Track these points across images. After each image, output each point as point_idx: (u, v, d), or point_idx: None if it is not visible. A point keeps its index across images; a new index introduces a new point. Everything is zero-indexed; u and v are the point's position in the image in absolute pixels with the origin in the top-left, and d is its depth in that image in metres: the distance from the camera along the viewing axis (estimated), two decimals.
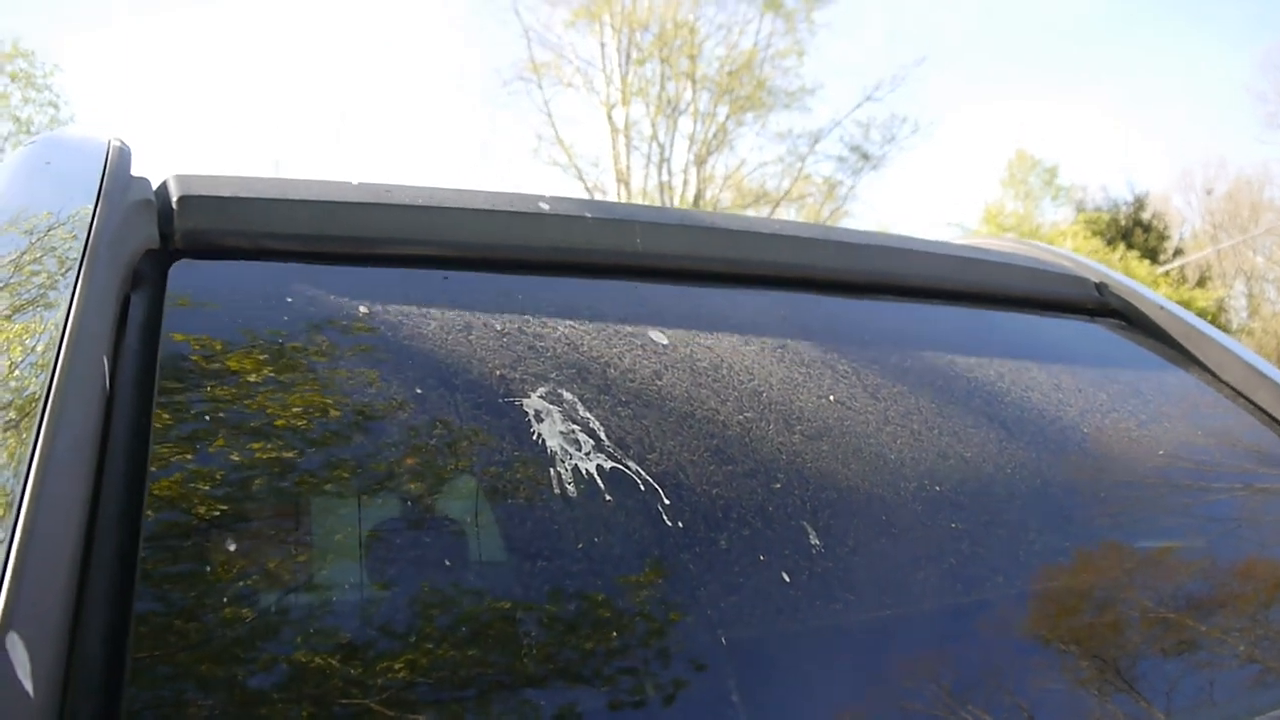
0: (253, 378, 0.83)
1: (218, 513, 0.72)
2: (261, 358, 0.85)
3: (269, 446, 0.78)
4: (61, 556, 0.62)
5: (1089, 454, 1.23)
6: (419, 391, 0.87)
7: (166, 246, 0.95)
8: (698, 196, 22.20)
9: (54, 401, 0.68)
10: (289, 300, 0.92)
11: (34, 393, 0.69)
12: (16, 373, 0.71)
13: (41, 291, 0.79)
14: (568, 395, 0.92)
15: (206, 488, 0.73)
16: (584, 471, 0.85)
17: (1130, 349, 1.54)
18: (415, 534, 0.79)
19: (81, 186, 0.93)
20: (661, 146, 22.14)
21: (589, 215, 1.13)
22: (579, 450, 0.86)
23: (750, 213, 22.80)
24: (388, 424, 0.84)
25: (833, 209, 23.35)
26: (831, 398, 1.07)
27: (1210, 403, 1.43)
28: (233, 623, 0.66)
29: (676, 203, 21.81)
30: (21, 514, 0.60)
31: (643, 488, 0.86)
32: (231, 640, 0.66)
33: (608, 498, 0.84)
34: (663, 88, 21.95)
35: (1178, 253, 26.62)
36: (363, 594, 0.74)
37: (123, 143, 1.06)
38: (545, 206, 1.11)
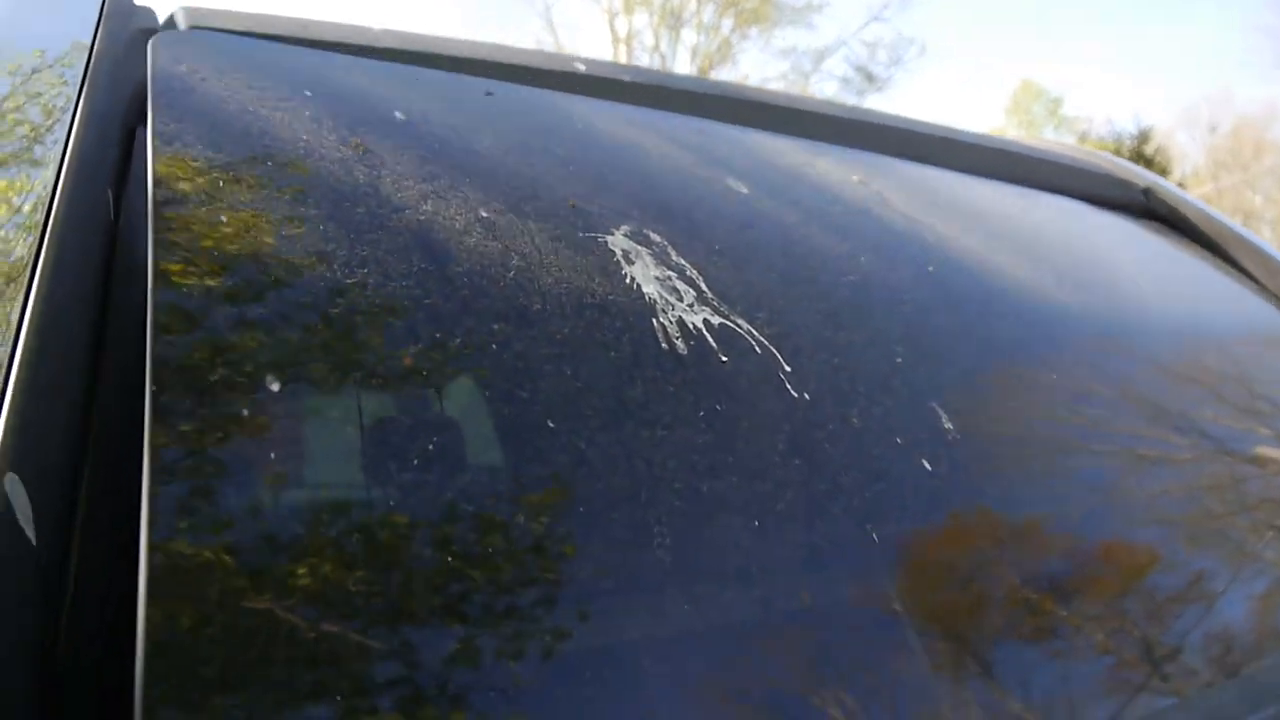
0: (268, 200, 0.72)
1: (231, 344, 0.61)
2: (280, 180, 0.74)
3: (293, 282, 0.67)
4: (64, 393, 0.59)
5: (1140, 352, 1.24)
6: (484, 215, 0.80)
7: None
8: None
9: (53, 232, 0.64)
10: (309, 115, 0.82)
11: (35, 226, 0.65)
12: (19, 212, 0.70)
13: (40, 129, 0.78)
14: (656, 238, 0.87)
15: (219, 316, 0.62)
16: (691, 326, 0.79)
17: (1176, 252, 1.55)
18: (494, 398, 0.68)
19: (82, 12, 0.89)
20: (664, 57, 21.74)
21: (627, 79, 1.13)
22: (681, 301, 0.81)
23: None
24: (455, 251, 0.75)
25: None
26: (930, 268, 1.07)
27: (1256, 306, 1.45)
28: (252, 465, 0.56)
29: None
30: (19, 349, 0.56)
31: (759, 350, 0.81)
32: (250, 482, 0.56)
33: (724, 358, 0.78)
34: None
35: (1180, 186, 26.45)
36: (435, 446, 0.63)
37: None
38: (581, 67, 1.11)
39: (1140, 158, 24.72)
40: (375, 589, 0.54)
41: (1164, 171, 25.71)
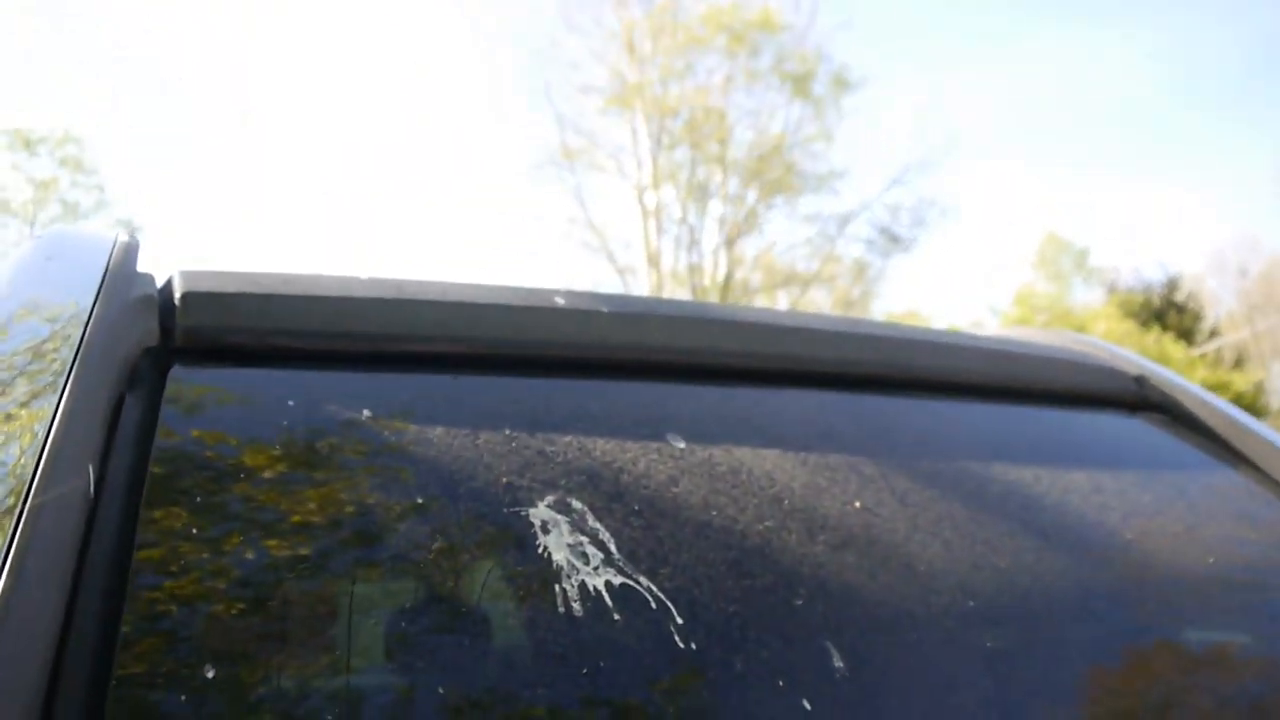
0: (244, 488, 0.79)
1: (194, 638, 0.67)
2: (256, 465, 0.81)
3: (259, 561, 0.74)
4: (27, 672, 0.59)
5: (1133, 560, 1.16)
6: (420, 502, 0.83)
7: (167, 344, 0.92)
8: (728, 277, 22.33)
9: (31, 507, 0.65)
10: (289, 404, 0.88)
11: (11, 496, 0.66)
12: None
13: (31, 391, 0.76)
14: (576, 504, 0.87)
15: (186, 613, 0.68)
16: (591, 588, 0.80)
17: (1173, 445, 1.47)
18: (408, 655, 0.74)
19: (81, 282, 0.90)
20: (692, 229, 22.37)
21: (605, 310, 1.10)
22: (587, 565, 0.81)
23: (780, 294, 22.88)
24: (387, 539, 0.79)
25: (862, 290, 23.41)
26: (858, 504, 1.01)
27: (1260, 501, 1.36)
28: None
29: (706, 283, 21.93)
30: None
31: (654, 605, 0.81)
32: None
33: (616, 617, 0.79)
34: (693, 172, 22.27)
35: (1213, 334, 26.34)
36: (353, 712, 0.69)
37: (131, 237, 1.04)
38: (561, 301, 1.08)
39: (1171, 305, 24.75)
40: None
41: (1197, 318, 25.69)
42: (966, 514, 1.07)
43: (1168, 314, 24.73)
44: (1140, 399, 1.53)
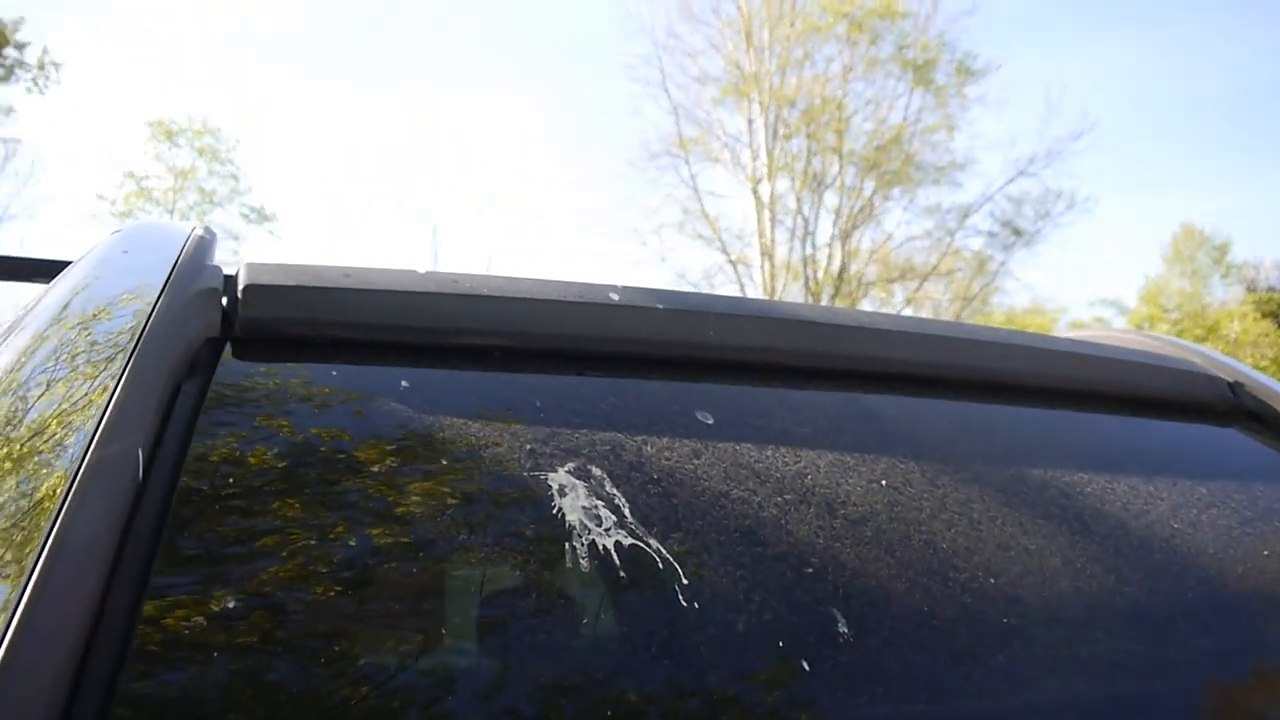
0: (289, 477, 0.84)
1: (215, 621, 0.71)
2: (303, 455, 0.86)
3: (298, 548, 0.78)
4: (61, 650, 0.61)
5: (1222, 576, 1.13)
6: (467, 495, 0.87)
7: (228, 334, 0.97)
8: (842, 270, 22.00)
9: (79, 485, 0.69)
10: (342, 395, 0.94)
11: (61, 474, 0.70)
12: (50, 457, 0.74)
13: (90, 374, 0.82)
14: (596, 472, 0.91)
15: (211, 597, 0.72)
16: (601, 547, 0.84)
17: (1271, 456, 1.41)
18: (464, 646, 0.78)
19: (151, 273, 0.97)
20: (807, 221, 22.11)
21: (660, 306, 1.12)
22: (599, 526, 0.85)
23: (897, 288, 22.43)
24: (434, 531, 0.83)
25: (983, 284, 22.75)
26: (932, 510, 1.01)
27: None
28: None
29: (820, 276, 21.66)
30: (20, 607, 0.60)
31: (660, 566, 0.84)
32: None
33: (622, 574, 0.82)
34: (809, 162, 22.01)
35: None
36: (371, 683, 0.72)
37: (207, 231, 1.11)
38: (615, 297, 1.11)
39: None
40: None
41: None
42: (1035, 521, 1.06)
43: None
44: (1235, 407, 1.47)
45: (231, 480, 0.81)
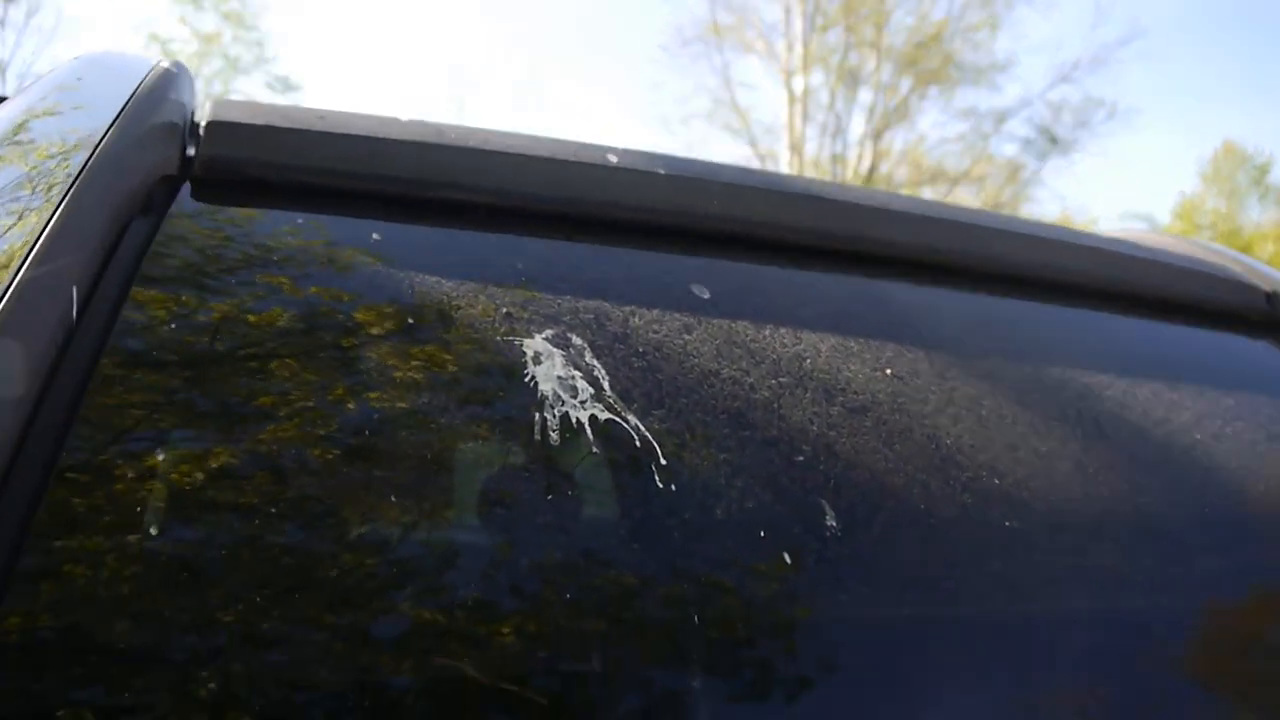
0: (237, 334, 0.77)
1: (134, 487, 0.66)
2: (253, 307, 0.79)
3: (240, 413, 0.72)
4: None
5: (1241, 494, 1.07)
6: (425, 356, 0.81)
7: (186, 173, 0.89)
8: (872, 170, 21.58)
9: (3, 319, 0.63)
10: (302, 244, 0.87)
11: None
12: None
13: (27, 206, 0.75)
14: (577, 341, 0.84)
15: (135, 457, 0.67)
16: (574, 420, 0.77)
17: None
18: (418, 514, 0.72)
19: (104, 104, 0.88)
20: (839, 117, 21.58)
21: (662, 172, 1.04)
22: (574, 398, 0.78)
23: (926, 190, 22.00)
24: (386, 391, 0.76)
25: (1013, 192, 22.30)
26: (888, 371, 0.95)
27: None
28: (129, 570, 0.62)
29: (849, 175, 21.26)
30: None
31: (638, 444, 0.78)
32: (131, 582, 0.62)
33: (595, 450, 0.76)
34: (845, 56, 21.37)
35: None
36: (311, 544, 0.68)
37: (174, 65, 1.01)
38: (613, 159, 1.02)
39: None
40: None
41: None
42: (1047, 422, 0.99)
43: None
44: (1269, 318, 1.39)
45: (174, 330, 0.74)
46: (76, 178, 0.76)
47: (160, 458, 0.67)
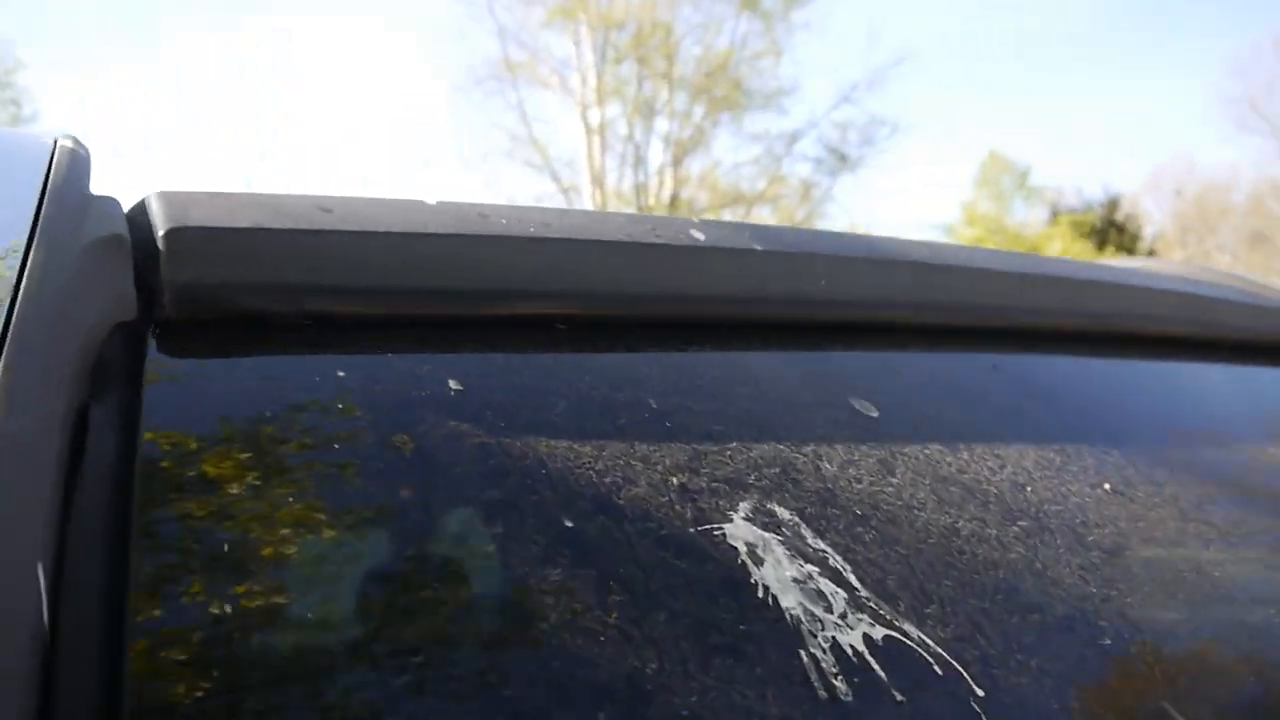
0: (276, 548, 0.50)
1: None
2: (297, 519, 0.52)
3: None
4: None
5: None
6: (569, 525, 0.55)
7: (151, 314, 0.60)
8: (674, 197, 21.88)
9: None
10: (358, 411, 0.59)
11: None
12: None
13: None
14: (785, 515, 0.60)
15: None
16: (848, 649, 0.53)
17: None
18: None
19: (12, 207, 0.58)
20: (638, 146, 21.81)
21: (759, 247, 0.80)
22: (830, 613, 0.54)
23: (726, 214, 22.50)
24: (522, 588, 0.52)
25: (808, 210, 23.13)
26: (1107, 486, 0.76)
27: None
28: None
29: (652, 203, 21.47)
30: None
31: (940, 671, 0.55)
32: None
33: (897, 696, 0.52)
34: (639, 88, 21.63)
35: (1150, 254, 26.63)
36: None
37: (77, 144, 0.70)
38: (700, 236, 0.79)
39: (1112, 224, 24.94)
40: None
41: (1135, 238, 25.91)
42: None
43: (1109, 233, 24.93)
44: None
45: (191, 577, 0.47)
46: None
47: None
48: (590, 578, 0.52)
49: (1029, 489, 0.72)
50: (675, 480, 0.59)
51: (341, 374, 0.60)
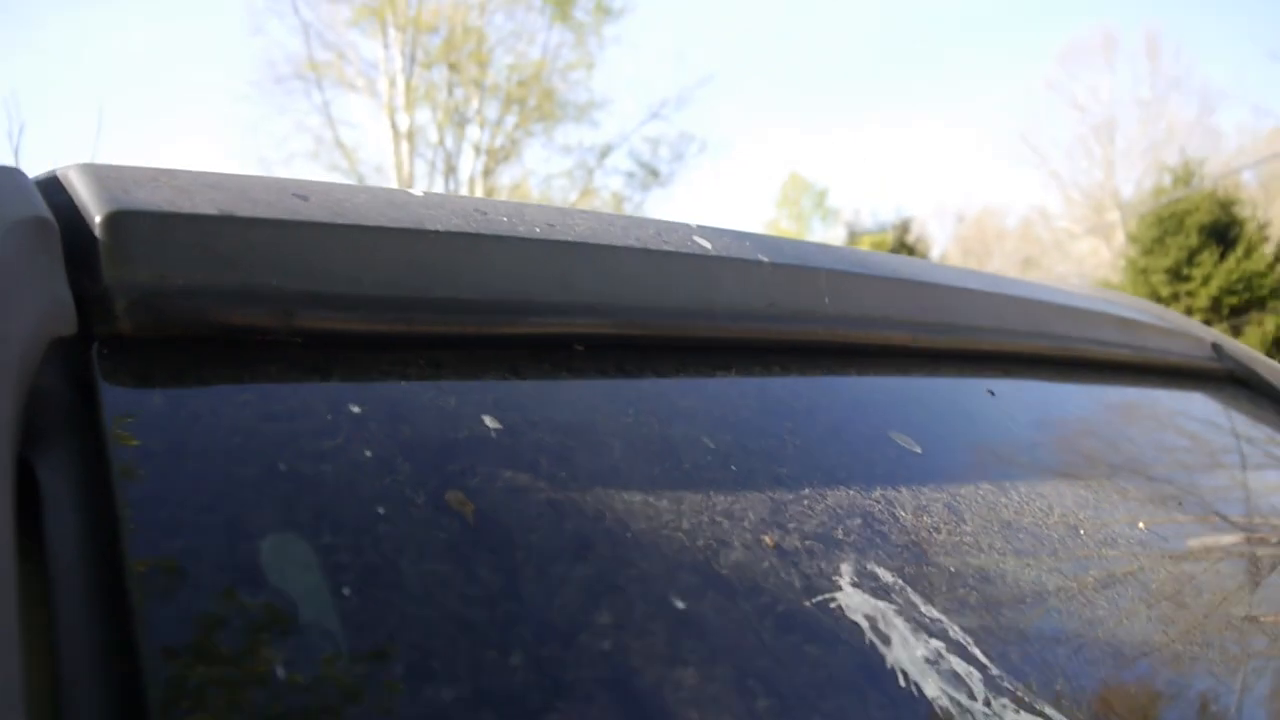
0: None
1: None
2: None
3: None
4: None
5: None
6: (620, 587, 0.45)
7: (89, 328, 0.46)
8: None
9: None
10: (356, 442, 0.47)
11: None
12: None
13: None
14: (887, 578, 0.51)
15: None
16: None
17: (1260, 418, 1.28)
18: None
19: None
20: (449, 154, 21.41)
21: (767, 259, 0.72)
22: (989, 707, 0.46)
23: None
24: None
25: None
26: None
27: None
28: None
29: None
30: None
31: None
32: None
33: None
34: (450, 94, 21.25)
35: None
36: None
37: None
38: (706, 244, 0.69)
39: (904, 246, 26.46)
40: None
41: (924, 257, 27.63)
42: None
43: (900, 254, 26.49)
44: (1218, 369, 1.33)
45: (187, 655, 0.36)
46: None
47: None
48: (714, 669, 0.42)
49: (1067, 518, 0.67)
50: (768, 539, 0.50)
51: (356, 409, 0.47)
